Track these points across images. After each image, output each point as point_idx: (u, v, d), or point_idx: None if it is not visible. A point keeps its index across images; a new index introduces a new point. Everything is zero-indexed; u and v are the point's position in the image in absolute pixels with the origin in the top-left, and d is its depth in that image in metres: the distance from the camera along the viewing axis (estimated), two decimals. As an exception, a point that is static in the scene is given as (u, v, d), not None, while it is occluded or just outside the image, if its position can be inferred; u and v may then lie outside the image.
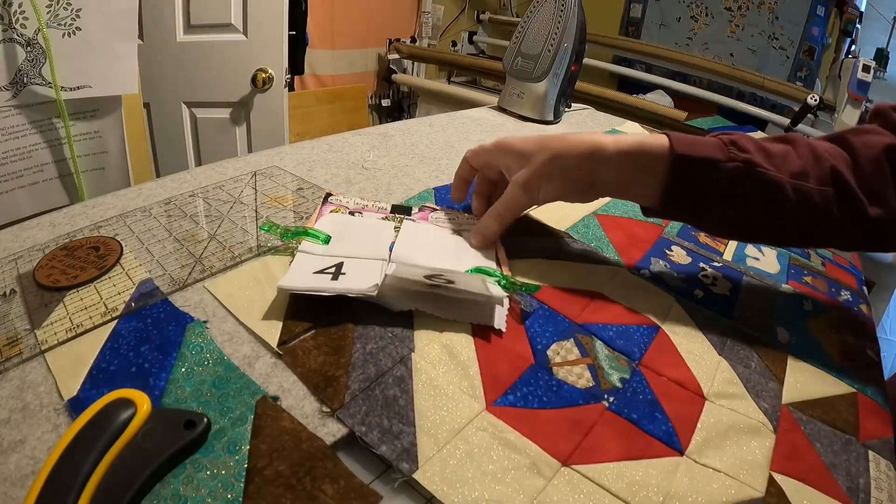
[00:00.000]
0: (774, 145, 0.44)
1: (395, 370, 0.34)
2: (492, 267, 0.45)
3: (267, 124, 1.43)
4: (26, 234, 0.47)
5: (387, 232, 0.49)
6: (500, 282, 0.42)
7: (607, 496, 0.29)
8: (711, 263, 0.55)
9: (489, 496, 0.28)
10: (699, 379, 0.38)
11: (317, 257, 0.43)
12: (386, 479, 0.28)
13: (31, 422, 0.29)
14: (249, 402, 0.31)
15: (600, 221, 0.60)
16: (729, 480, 0.31)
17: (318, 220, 0.50)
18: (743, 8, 2.82)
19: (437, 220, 0.53)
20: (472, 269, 0.44)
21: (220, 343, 0.36)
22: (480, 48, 2.96)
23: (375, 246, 0.46)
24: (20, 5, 0.77)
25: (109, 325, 0.36)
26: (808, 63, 2.72)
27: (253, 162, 0.65)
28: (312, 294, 0.38)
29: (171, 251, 0.45)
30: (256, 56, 1.34)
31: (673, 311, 0.46)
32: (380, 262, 0.44)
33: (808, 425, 0.36)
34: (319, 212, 0.52)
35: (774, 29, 2.76)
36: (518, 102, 1.01)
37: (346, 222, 0.50)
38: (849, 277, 0.60)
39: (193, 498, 0.26)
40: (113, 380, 0.32)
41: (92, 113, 0.93)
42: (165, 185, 0.57)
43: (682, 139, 0.43)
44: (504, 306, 0.41)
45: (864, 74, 1.67)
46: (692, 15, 2.96)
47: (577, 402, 0.34)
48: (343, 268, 0.42)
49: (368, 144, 0.76)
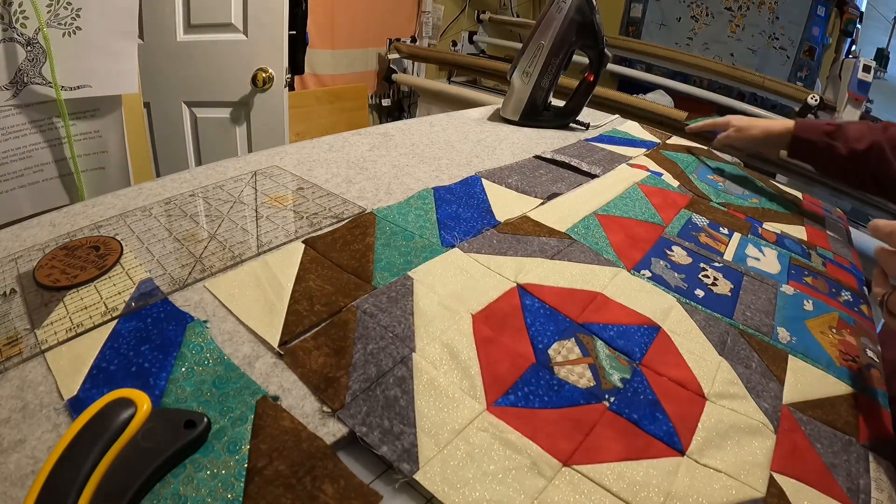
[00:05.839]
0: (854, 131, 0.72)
1: (396, 370, 0.34)
2: None
3: (267, 124, 1.43)
4: (26, 233, 0.47)
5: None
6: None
7: (608, 496, 0.29)
8: (712, 263, 0.55)
9: (490, 496, 0.28)
10: (700, 379, 0.38)
11: None
12: (386, 479, 0.28)
13: (31, 421, 0.29)
14: (250, 401, 0.31)
15: (601, 222, 0.60)
16: (730, 481, 0.31)
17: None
18: (743, 8, 2.82)
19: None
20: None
21: (221, 343, 0.35)
22: (480, 48, 2.95)
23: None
24: (20, 5, 0.77)
25: (109, 324, 0.36)
26: (808, 63, 2.72)
27: (253, 162, 0.65)
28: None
29: (171, 251, 0.45)
30: (256, 55, 1.34)
31: (673, 311, 0.46)
32: None
33: (809, 426, 0.36)
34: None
35: (774, 29, 2.76)
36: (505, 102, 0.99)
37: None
38: (849, 278, 0.60)
39: (193, 498, 0.26)
40: (113, 379, 0.32)
41: (92, 112, 0.93)
42: (165, 185, 0.57)
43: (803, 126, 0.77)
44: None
45: (864, 74, 1.67)
46: (692, 15, 2.96)
47: (578, 402, 0.34)
48: None
49: (368, 144, 0.76)
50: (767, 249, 0.61)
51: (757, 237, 0.64)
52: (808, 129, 0.77)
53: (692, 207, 0.68)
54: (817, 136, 0.75)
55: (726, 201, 0.74)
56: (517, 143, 0.86)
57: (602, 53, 0.94)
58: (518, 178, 0.69)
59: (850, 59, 1.80)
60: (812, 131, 0.76)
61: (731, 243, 0.61)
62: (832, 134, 0.74)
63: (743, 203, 0.75)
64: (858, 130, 0.72)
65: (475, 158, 0.75)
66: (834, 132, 0.73)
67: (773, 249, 0.62)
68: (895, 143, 0.68)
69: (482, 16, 2.97)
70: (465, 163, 0.73)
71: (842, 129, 0.73)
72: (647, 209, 0.64)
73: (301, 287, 0.41)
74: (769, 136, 0.82)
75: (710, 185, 0.79)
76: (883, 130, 0.71)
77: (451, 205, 0.58)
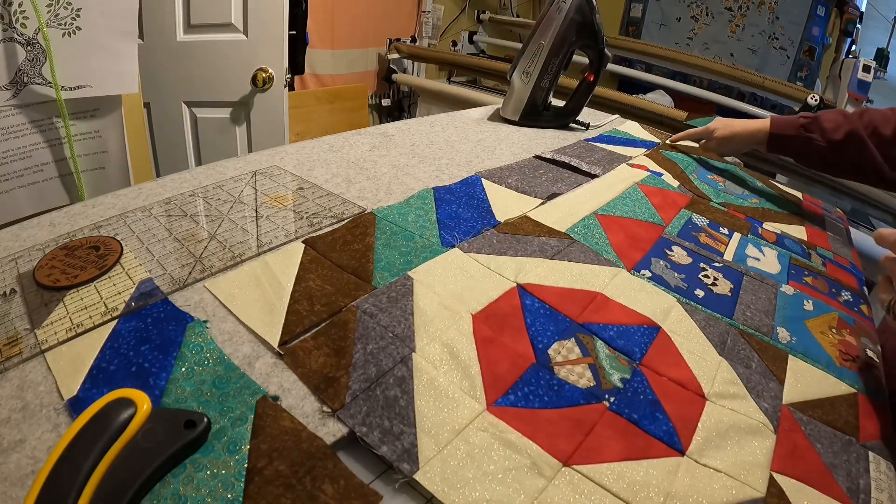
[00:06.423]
0: (831, 121, 0.72)
1: (396, 370, 0.34)
2: None
3: (267, 124, 1.43)
4: (26, 233, 0.47)
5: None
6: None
7: (608, 496, 0.29)
8: (712, 263, 0.55)
9: (490, 496, 0.28)
10: (700, 379, 0.38)
11: None
12: (386, 479, 0.28)
13: (31, 421, 0.29)
14: (250, 401, 0.31)
15: (601, 222, 0.60)
16: (730, 481, 0.31)
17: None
18: (743, 8, 2.82)
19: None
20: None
21: (221, 343, 0.35)
22: (480, 48, 2.95)
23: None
24: (20, 5, 0.77)
25: (109, 324, 0.36)
26: (808, 63, 2.72)
27: (253, 161, 0.65)
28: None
29: (171, 251, 0.45)
30: (256, 55, 1.34)
31: (673, 311, 0.46)
32: None
33: (809, 426, 0.36)
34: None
35: (774, 29, 2.76)
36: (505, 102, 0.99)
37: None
38: (849, 278, 0.60)
39: (193, 498, 0.26)
40: (113, 379, 0.32)
41: (92, 112, 0.93)
42: (165, 185, 0.57)
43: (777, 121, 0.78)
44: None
45: (864, 74, 1.67)
46: (692, 15, 2.96)
47: (578, 402, 0.34)
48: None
49: (368, 144, 0.76)
50: (767, 249, 0.61)
51: (757, 237, 0.64)
52: (783, 124, 0.77)
53: (692, 207, 0.68)
54: (793, 130, 0.75)
55: (726, 201, 0.74)
56: (517, 143, 0.86)
57: (602, 53, 0.93)
58: (518, 178, 0.69)
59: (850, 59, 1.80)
60: (788, 126, 0.77)
61: (731, 243, 0.61)
62: (808, 126, 0.74)
63: (743, 203, 0.75)
64: (834, 121, 0.72)
65: (475, 158, 0.75)
66: (809, 124, 0.74)
67: (773, 249, 0.62)
68: (872, 128, 0.69)
69: (482, 16, 2.97)
70: (465, 163, 0.73)
71: (817, 120, 0.74)
72: (647, 209, 0.64)
73: (301, 287, 0.41)
74: (749, 137, 0.82)
75: (710, 185, 0.79)
76: (859, 117, 0.71)
77: (451, 205, 0.58)
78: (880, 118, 0.69)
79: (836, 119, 0.72)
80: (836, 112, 0.74)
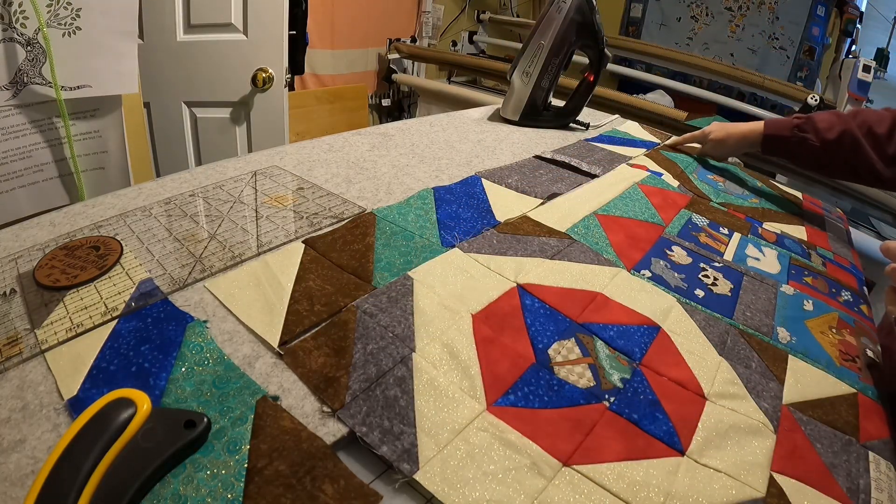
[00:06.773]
0: (825, 121, 0.72)
1: (396, 370, 0.34)
2: None
3: (267, 124, 1.43)
4: (26, 233, 0.47)
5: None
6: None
7: (608, 496, 0.29)
8: (712, 263, 0.55)
9: (490, 496, 0.28)
10: (700, 379, 0.38)
11: None
12: (386, 479, 0.28)
13: (31, 421, 0.29)
14: (249, 401, 0.31)
15: (601, 222, 0.60)
16: (730, 481, 0.31)
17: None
18: (743, 8, 2.82)
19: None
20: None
21: (221, 343, 0.35)
22: (480, 48, 2.95)
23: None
24: (20, 5, 0.77)
25: (109, 324, 0.36)
26: (808, 63, 2.72)
27: (253, 161, 0.65)
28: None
29: (171, 251, 0.45)
30: (256, 55, 1.34)
31: (673, 311, 0.46)
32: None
33: (809, 426, 0.36)
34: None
35: (774, 29, 2.76)
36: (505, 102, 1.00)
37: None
38: (849, 278, 0.60)
39: (193, 498, 0.26)
40: (113, 379, 0.32)
41: (92, 112, 0.93)
42: (165, 185, 0.57)
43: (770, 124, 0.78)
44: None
45: (864, 74, 1.67)
46: (692, 15, 2.96)
47: (578, 402, 0.34)
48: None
49: (368, 144, 0.76)
50: (767, 249, 0.61)
51: (757, 237, 0.64)
52: (777, 125, 0.78)
53: (692, 207, 0.68)
54: (787, 130, 0.76)
55: (726, 201, 0.74)
56: (517, 143, 0.86)
57: (602, 53, 0.93)
58: (518, 178, 0.69)
59: (850, 59, 1.80)
60: (782, 127, 0.77)
61: (731, 243, 0.61)
62: (801, 126, 0.74)
63: (743, 203, 0.75)
64: (827, 121, 0.73)
65: (475, 158, 0.75)
66: (803, 125, 0.74)
67: (773, 249, 0.62)
68: (867, 128, 0.69)
69: (482, 16, 2.97)
70: (465, 163, 0.73)
71: (811, 120, 0.74)
72: (647, 209, 0.64)
73: (301, 287, 0.41)
74: (743, 139, 0.82)
75: (710, 185, 0.79)
76: (853, 117, 0.71)
77: (451, 205, 0.58)
78: (874, 118, 0.69)
79: (830, 119, 0.72)
80: (829, 112, 0.74)
